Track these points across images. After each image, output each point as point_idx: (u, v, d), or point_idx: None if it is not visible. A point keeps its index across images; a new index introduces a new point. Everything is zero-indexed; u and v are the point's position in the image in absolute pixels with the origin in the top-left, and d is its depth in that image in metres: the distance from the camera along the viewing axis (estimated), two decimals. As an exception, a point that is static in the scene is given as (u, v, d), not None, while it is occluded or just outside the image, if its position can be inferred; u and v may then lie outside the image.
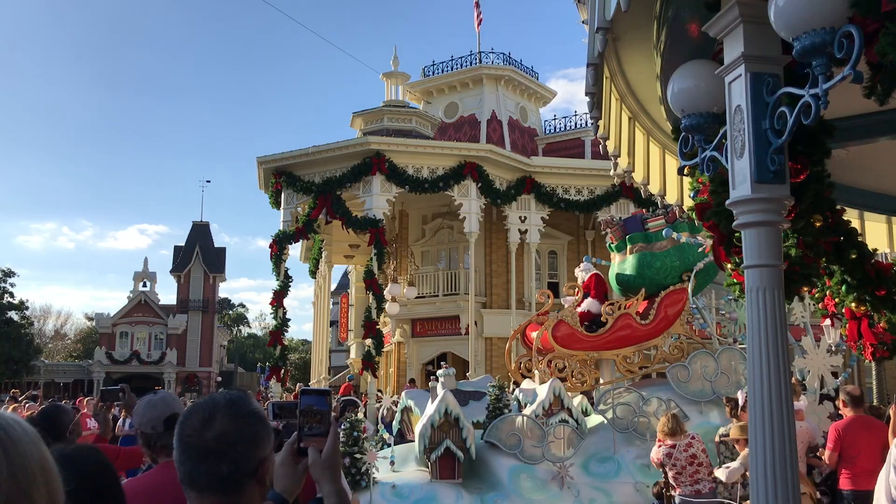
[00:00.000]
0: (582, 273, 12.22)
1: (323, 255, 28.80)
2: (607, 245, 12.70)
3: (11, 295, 52.25)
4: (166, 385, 50.23)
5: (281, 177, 23.16)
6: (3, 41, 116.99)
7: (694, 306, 11.19)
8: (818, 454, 8.43)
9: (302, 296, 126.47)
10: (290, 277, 23.23)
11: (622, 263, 11.92)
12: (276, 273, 22.95)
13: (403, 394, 12.00)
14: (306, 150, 22.90)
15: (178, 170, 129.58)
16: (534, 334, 11.72)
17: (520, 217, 23.82)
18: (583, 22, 4.44)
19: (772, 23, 2.59)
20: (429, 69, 30.59)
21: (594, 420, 10.21)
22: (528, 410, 9.87)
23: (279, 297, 22.79)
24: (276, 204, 23.88)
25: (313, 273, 29.74)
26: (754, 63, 2.82)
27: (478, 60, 29.85)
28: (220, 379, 57.30)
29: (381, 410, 13.74)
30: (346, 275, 44.11)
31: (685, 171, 3.72)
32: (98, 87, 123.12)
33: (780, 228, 2.93)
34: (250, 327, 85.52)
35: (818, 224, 3.47)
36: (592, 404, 10.81)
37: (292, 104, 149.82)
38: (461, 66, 29.96)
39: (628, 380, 11.46)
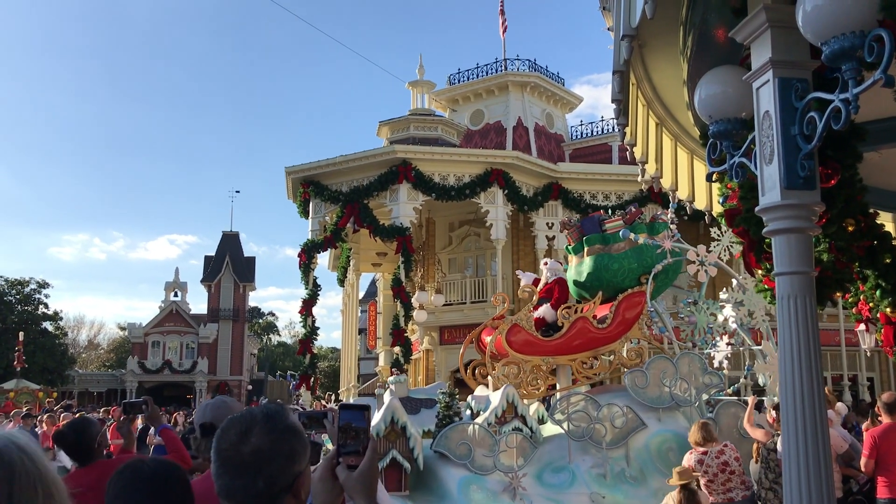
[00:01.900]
0: (547, 273, 11.76)
1: (351, 264, 28.92)
2: (564, 247, 12.29)
3: (46, 305, 53.22)
4: (197, 394, 50.74)
5: (309, 186, 23.32)
6: (34, 57, 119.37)
7: (652, 309, 10.75)
8: (854, 464, 8.27)
9: (330, 304, 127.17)
10: (319, 286, 23.37)
11: (579, 266, 11.47)
12: (304, 282, 23.08)
13: (351, 401, 11.69)
14: (334, 159, 23.05)
15: (206, 180, 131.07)
16: (488, 339, 11.31)
17: (547, 223, 23.75)
18: (608, 29, 4.44)
19: (800, 27, 2.57)
20: (454, 77, 30.67)
21: (550, 428, 9.76)
22: (480, 418, 9.49)
23: (308, 305, 22.92)
24: (305, 213, 24.04)
25: (341, 281, 29.88)
26: (782, 68, 2.80)
27: (503, 67, 29.87)
28: (250, 387, 57.73)
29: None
30: (373, 283, 44.25)
31: (714, 177, 3.70)
32: (126, 100, 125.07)
33: (811, 234, 2.90)
34: (280, 336, 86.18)
35: (850, 228, 3.42)
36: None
37: (319, 114, 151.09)
38: (486, 73, 29.99)
39: (585, 386, 10.98)
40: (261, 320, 78.26)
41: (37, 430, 15.02)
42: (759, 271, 3.75)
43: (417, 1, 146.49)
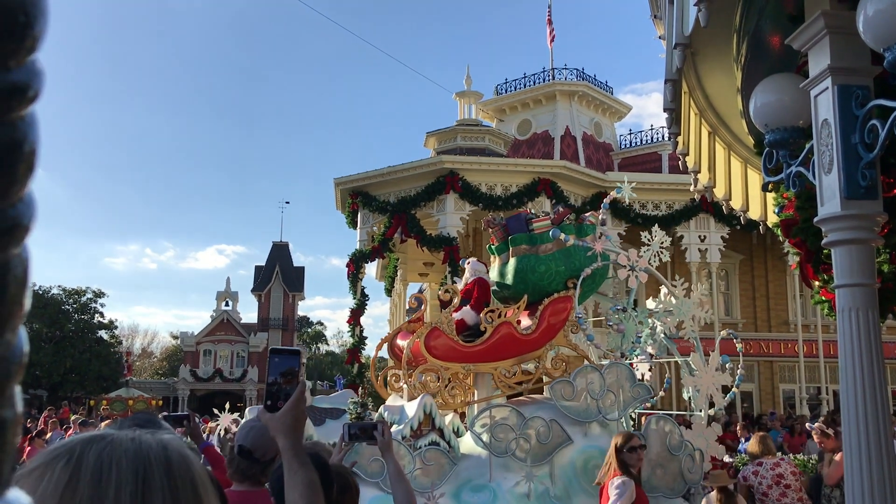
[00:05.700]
0: (468, 273, 10.89)
1: (398, 274, 29.08)
2: (487, 247, 11.25)
3: (102, 315, 54.52)
4: (248, 402, 51.41)
5: (357, 197, 23.55)
6: (85, 70, 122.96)
7: (580, 316, 9.80)
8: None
9: (376, 313, 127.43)
10: (367, 296, 23.54)
11: (503, 267, 10.59)
12: (352, 292, 23.26)
13: (247, 411, 11.01)
14: (381, 170, 23.24)
15: (253, 191, 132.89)
16: (403, 343, 10.49)
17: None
18: (659, 37, 4.39)
19: (860, 33, 2.51)
20: (501, 87, 30.68)
21: (468, 441, 8.98)
22: (393, 431, 8.64)
23: (356, 315, 23.08)
24: (353, 224, 24.27)
25: (389, 291, 30.04)
26: (842, 75, 2.73)
27: (551, 77, 29.79)
28: (299, 396, 58.27)
29: (218, 430, 12.12)
30: (420, 293, 44.42)
31: (769, 186, 3.63)
32: (176, 111, 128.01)
33: (873, 245, 2.82)
34: (328, 345, 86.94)
35: (913, 239, 3.32)
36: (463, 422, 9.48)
37: (367, 125, 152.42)
38: (534, 82, 29.94)
39: (505, 396, 10.05)
40: (309, 329, 79.06)
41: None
42: (817, 283, 3.67)
43: (465, 12, 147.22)
